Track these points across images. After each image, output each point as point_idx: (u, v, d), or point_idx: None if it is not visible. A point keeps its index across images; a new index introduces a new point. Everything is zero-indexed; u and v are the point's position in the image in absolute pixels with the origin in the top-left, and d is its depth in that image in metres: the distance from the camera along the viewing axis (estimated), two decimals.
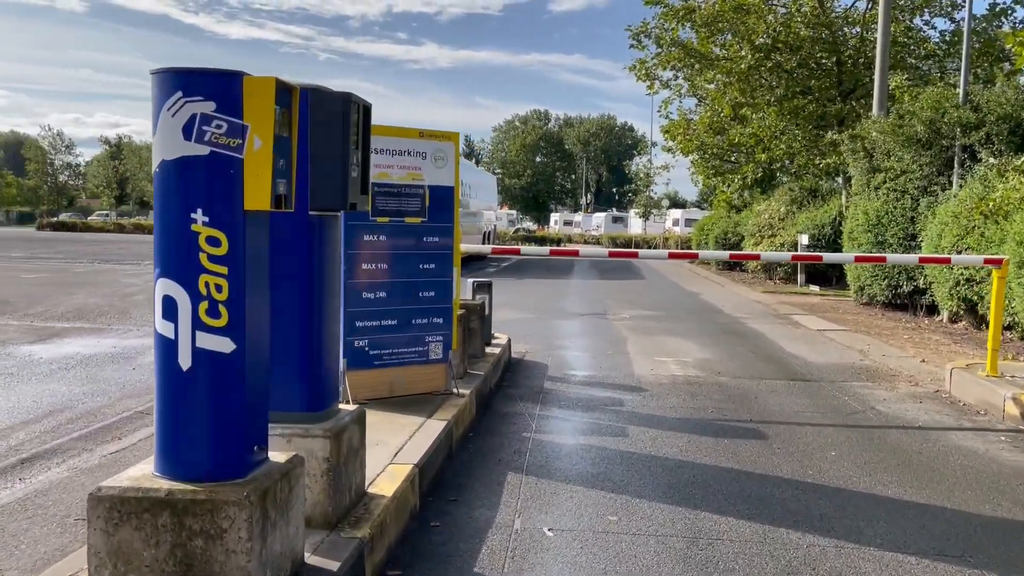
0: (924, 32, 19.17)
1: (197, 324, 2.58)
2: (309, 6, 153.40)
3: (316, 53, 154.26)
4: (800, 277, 19.65)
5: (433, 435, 4.76)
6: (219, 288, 2.58)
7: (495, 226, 38.77)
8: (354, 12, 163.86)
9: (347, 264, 5.42)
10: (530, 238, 55.30)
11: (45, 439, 5.31)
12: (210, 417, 2.62)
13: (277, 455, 2.92)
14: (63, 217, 66.85)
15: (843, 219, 19.24)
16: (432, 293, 5.83)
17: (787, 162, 23.27)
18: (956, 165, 12.76)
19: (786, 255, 9.52)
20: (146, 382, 7.07)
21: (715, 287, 19.69)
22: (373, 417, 5.10)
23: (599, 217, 70.49)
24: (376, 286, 5.56)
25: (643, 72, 24.06)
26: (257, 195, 2.59)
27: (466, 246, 7.49)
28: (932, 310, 13.48)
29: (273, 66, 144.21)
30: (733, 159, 26.35)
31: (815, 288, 18.72)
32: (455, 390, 5.91)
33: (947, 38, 19.04)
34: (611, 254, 7.23)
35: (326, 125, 3.28)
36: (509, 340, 8.80)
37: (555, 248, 7.40)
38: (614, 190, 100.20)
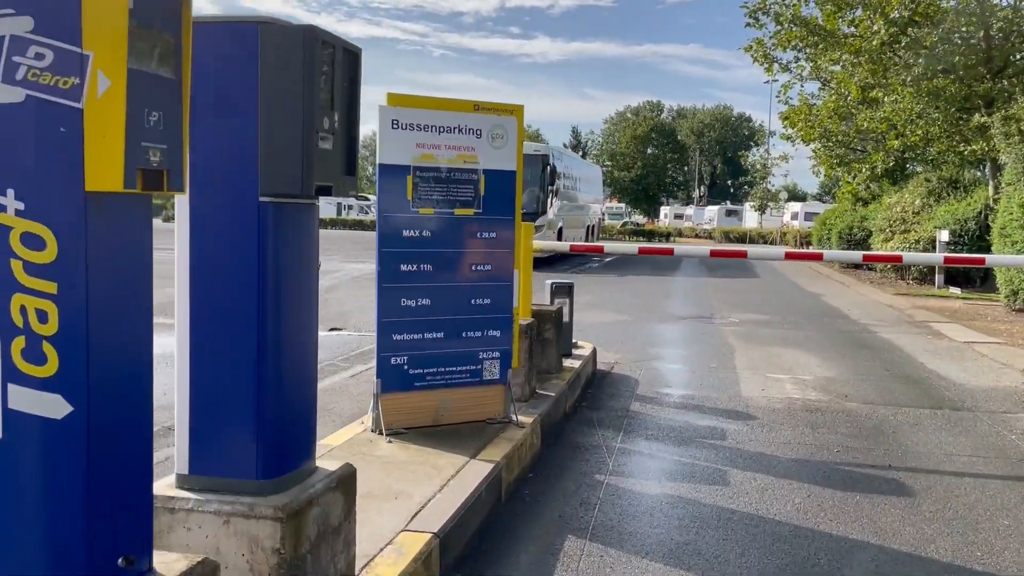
0: None
1: (8, 373, 1.64)
2: (425, 3, 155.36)
3: (431, 49, 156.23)
4: (938, 278, 17.51)
5: (470, 487, 3.74)
6: (43, 316, 1.62)
7: (600, 220, 37.48)
8: (468, 8, 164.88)
9: (382, 265, 4.48)
10: (638, 232, 53.58)
11: None
12: (29, 524, 1.67)
13: (179, 561, 1.95)
14: None
15: (991, 213, 17.03)
16: (487, 300, 4.80)
17: (923, 149, 20.96)
18: None
19: (936, 257, 7.97)
20: None
21: (839, 287, 17.83)
22: (404, 453, 4.13)
23: (712, 210, 67.73)
24: (418, 291, 4.59)
25: (760, 53, 22.26)
26: (102, 168, 1.63)
27: (542, 243, 6.44)
28: None
29: (389, 63, 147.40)
30: (860, 147, 24.11)
31: (956, 291, 16.61)
32: (514, 417, 4.87)
33: None
34: (713, 253, 6.00)
35: (279, 72, 2.29)
36: (594, 350, 7.68)
37: (645, 246, 6.28)
38: (729, 182, 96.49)
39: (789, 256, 6.03)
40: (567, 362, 6.78)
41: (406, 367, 4.60)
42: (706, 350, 9.18)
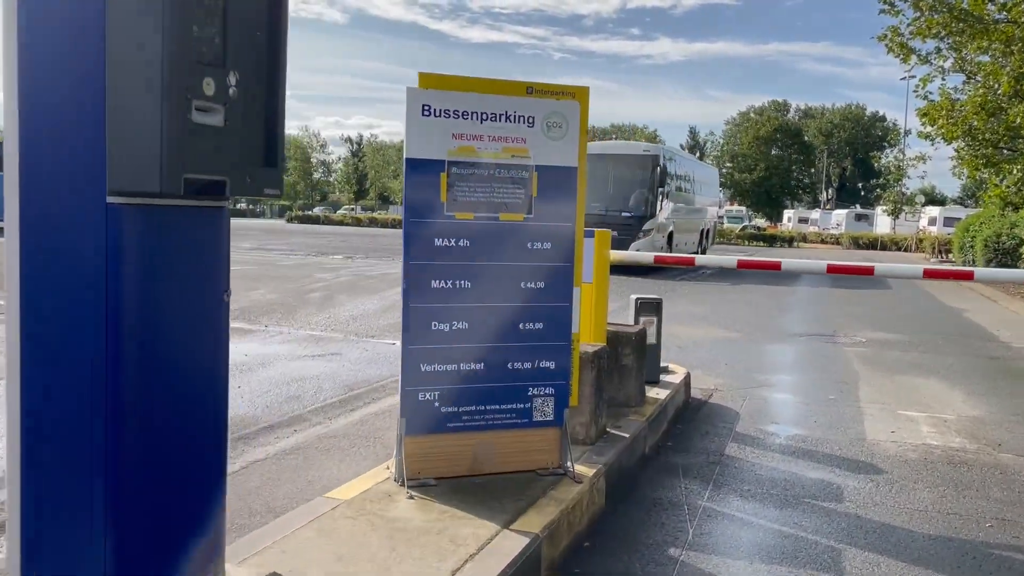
0: None
1: None
2: (545, 7, 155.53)
3: (551, 53, 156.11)
4: None
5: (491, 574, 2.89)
6: None
7: (715, 223, 35.74)
8: (588, 11, 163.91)
9: (409, 280, 3.69)
10: (759, 236, 51.05)
11: None
12: None
13: None
14: (316, 211, 72.24)
15: None
16: (539, 324, 3.94)
17: None
18: None
19: None
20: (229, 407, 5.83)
21: (985, 302, 15.84)
22: (422, 515, 3.34)
23: (839, 214, 63.95)
24: (453, 312, 3.78)
25: (896, 43, 20.32)
26: None
27: (621, 254, 5.52)
28: None
29: (510, 67, 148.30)
30: (1010, 146, 21.65)
31: None
32: (570, 468, 3.98)
33: None
34: (831, 269, 4.86)
35: (131, 11, 1.52)
36: (687, 376, 6.66)
37: (745, 260, 5.18)
38: (859, 185, 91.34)
39: (929, 275, 4.84)
40: (652, 392, 5.82)
41: (437, 404, 3.80)
42: (824, 377, 7.95)
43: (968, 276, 4.90)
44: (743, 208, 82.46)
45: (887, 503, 4.43)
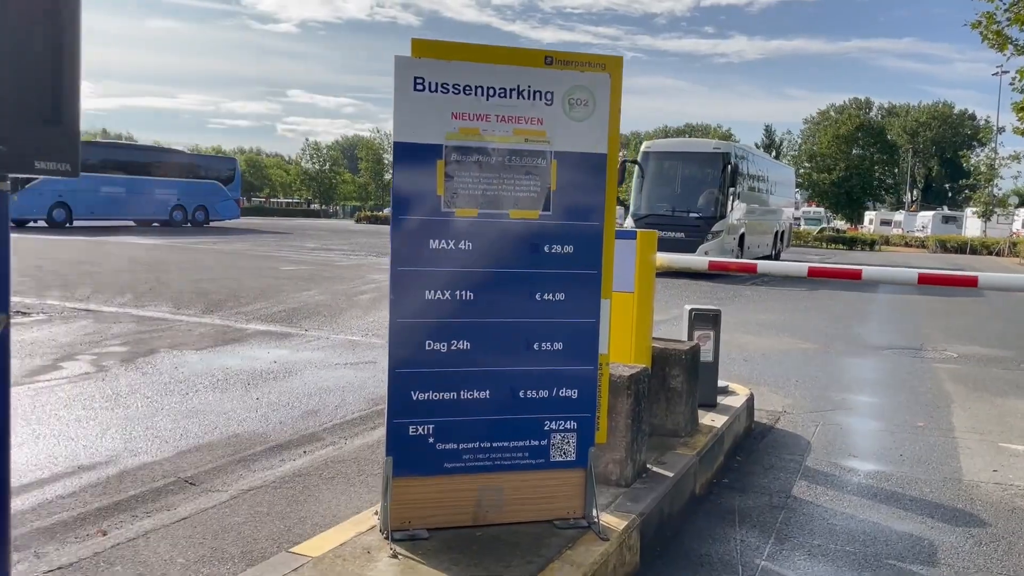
0: None
1: None
2: (617, 6, 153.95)
3: (623, 52, 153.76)
4: None
5: None
6: None
7: (791, 225, 34.22)
8: (661, 9, 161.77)
9: (396, 290, 3.06)
10: (838, 239, 48.89)
11: None
12: None
13: None
14: (385, 211, 72.80)
15: None
16: (558, 344, 3.25)
17: None
18: None
19: None
20: (238, 422, 5.33)
21: None
22: None
23: (925, 216, 60.94)
24: (452, 330, 3.12)
25: (992, 31, 18.78)
26: None
27: (670, 257, 4.78)
28: None
29: None
30: None
31: None
32: (596, 519, 3.27)
33: None
34: (923, 279, 4.00)
35: None
36: (750, 398, 5.85)
37: (816, 267, 4.36)
38: (946, 186, 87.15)
39: None
40: (707, 418, 5.05)
41: (432, 440, 3.15)
42: (911, 399, 7.00)
43: None
44: (821, 209, 79.56)
45: (993, 568, 3.58)
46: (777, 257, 28.96)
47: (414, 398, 3.10)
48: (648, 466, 4.04)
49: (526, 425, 3.24)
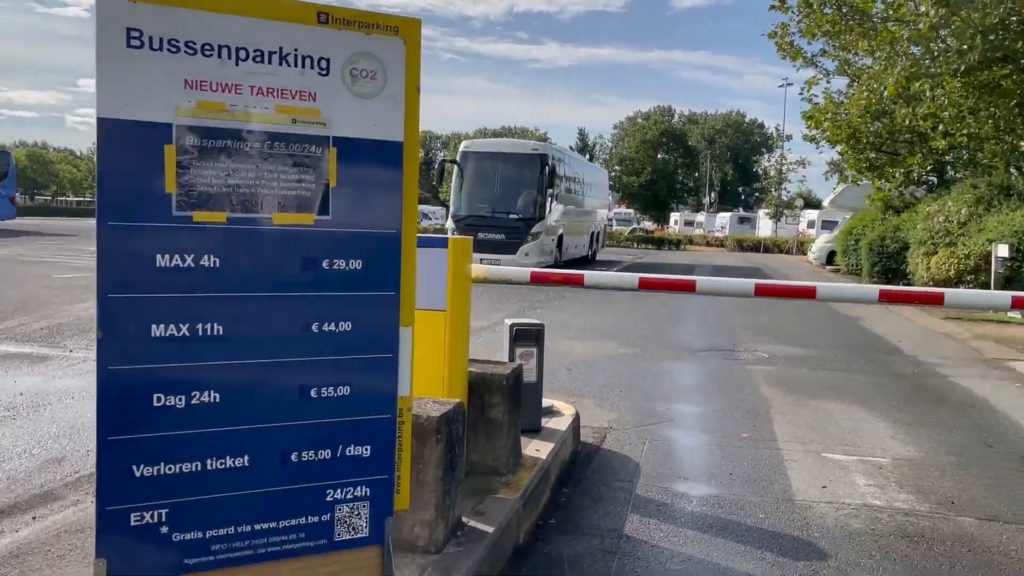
0: None
1: None
2: (433, 7, 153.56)
3: (440, 53, 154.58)
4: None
5: None
6: None
7: (606, 226, 35.18)
8: (476, 13, 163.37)
9: (106, 326, 2.18)
10: (647, 239, 51.12)
11: None
12: None
13: None
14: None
15: None
16: (344, 389, 2.50)
17: (970, 151, 18.60)
18: None
19: None
20: None
21: (877, 309, 15.43)
22: None
23: (724, 217, 65.24)
24: (191, 378, 2.29)
25: (785, 42, 19.93)
26: None
27: (489, 268, 4.15)
28: None
29: None
30: (893, 149, 21.75)
31: (1017, 314, 14.20)
32: None
33: None
34: (760, 291, 3.63)
35: None
36: (576, 419, 5.35)
37: (648, 277, 3.90)
38: (740, 189, 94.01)
39: (885, 296, 3.70)
40: (531, 447, 4.47)
41: (166, 530, 2.30)
42: (732, 406, 6.84)
43: (937, 299, 3.82)
44: (631, 211, 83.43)
45: None
46: (594, 257, 29.55)
47: (137, 475, 2.24)
48: (464, 520, 3.38)
49: (301, 498, 2.46)
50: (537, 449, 4.47)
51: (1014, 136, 16.20)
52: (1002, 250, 14.39)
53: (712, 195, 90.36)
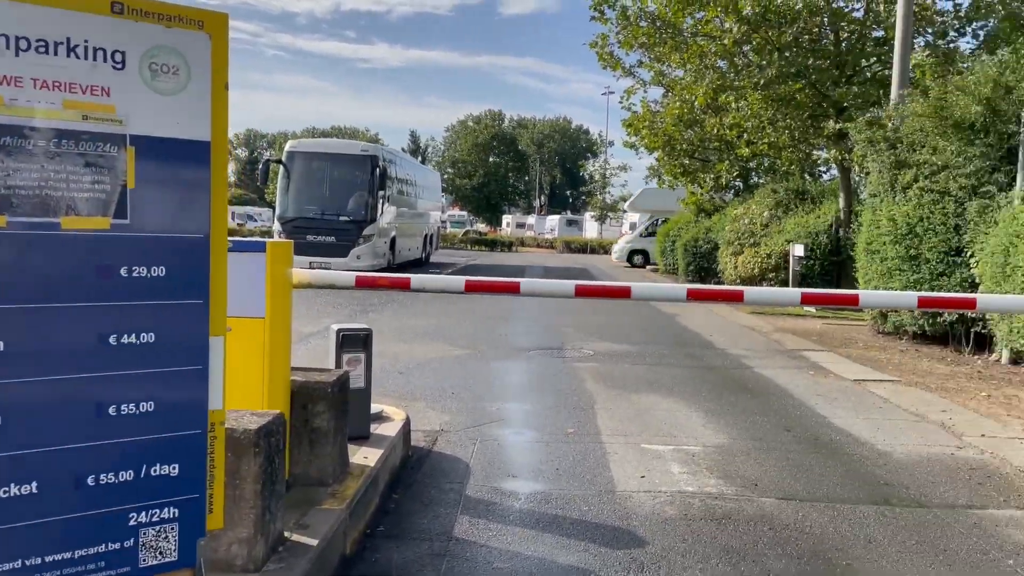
0: (937, 2, 16.16)
1: None
2: (255, 2, 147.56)
3: (263, 49, 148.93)
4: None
5: None
6: None
7: (439, 228, 35.29)
8: (300, 9, 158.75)
9: None
10: (480, 241, 51.81)
11: None
12: None
13: None
14: None
15: (841, 226, 16.28)
16: (147, 405, 2.35)
17: (770, 159, 20.24)
18: (1021, 157, 9.68)
19: (910, 296, 6.27)
20: None
21: (693, 306, 16.45)
22: None
23: (553, 220, 67.32)
24: None
25: (605, 52, 20.81)
26: None
27: (312, 273, 4.04)
28: (980, 343, 10.41)
29: None
30: (705, 156, 23.28)
31: (811, 309, 15.62)
32: None
33: (963, 11, 16.04)
34: (580, 291, 3.75)
35: None
36: (407, 423, 5.33)
37: (474, 280, 3.94)
38: (568, 192, 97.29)
39: (693, 295, 3.95)
40: (359, 454, 4.40)
41: None
42: (560, 402, 7.05)
43: (736, 296, 4.12)
44: (464, 213, 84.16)
45: None
46: (428, 260, 29.54)
47: None
48: (286, 535, 3.26)
49: (100, 524, 2.29)
50: (365, 456, 4.40)
51: (807, 145, 17.79)
52: (798, 249, 15.78)
53: (542, 198, 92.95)
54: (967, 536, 4.19)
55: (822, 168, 21.59)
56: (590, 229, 61.30)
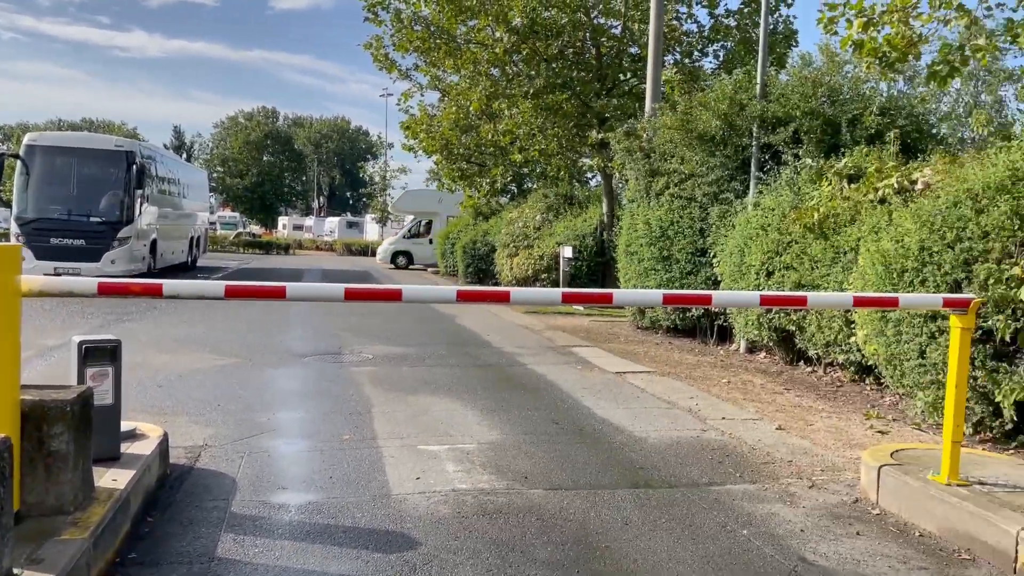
0: (683, 23, 17.73)
1: None
2: None
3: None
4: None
5: None
6: None
7: (207, 230, 33.32)
8: None
9: None
10: (254, 243, 49.55)
11: None
12: None
13: None
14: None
15: (605, 229, 17.38)
16: None
17: (542, 165, 21.18)
18: (753, 167, 10.89)
19: (752, 296, 6.73)
20: None
21: (472, 307, 16.81)
22: None
23: (332, 222, 65.92)
24: None
25: (381, 54, 20.73)
26: None
27: (43, 283, 3.65)
28: (723, 335, 11.59)
29: None
30: (481, 161, 23.89)
31: (579, 307, 16.55)
32: None
33: (705, 33, 17.75)
34: (349, 295, 3.67)
35: None
36: (164, 439, 4.96)
37: (235, 286, 3.72)
38: (348, 194, 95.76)
39: (462, 296, 4.01)
40: (106, 477, 4.03)
41: None
42: (336, 408, 6.91)
43: (503, 297, 4.23)
44: (237, 214, 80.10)
45: None
46: (195, 264, 27.77)
47: None
48: (15, 572, 2.92)
49: None
50: (115, 479, 4.04)
51: (574, 153, 18.83)
52: (567, 251, 16.65)
53: (321, 199, 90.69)
54: (709, 511, 4.63)
55: (589, 175, 22.95)
56: (371, 231, 60.74)
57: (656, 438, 6.24)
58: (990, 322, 5.83)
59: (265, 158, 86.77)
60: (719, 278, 10.84)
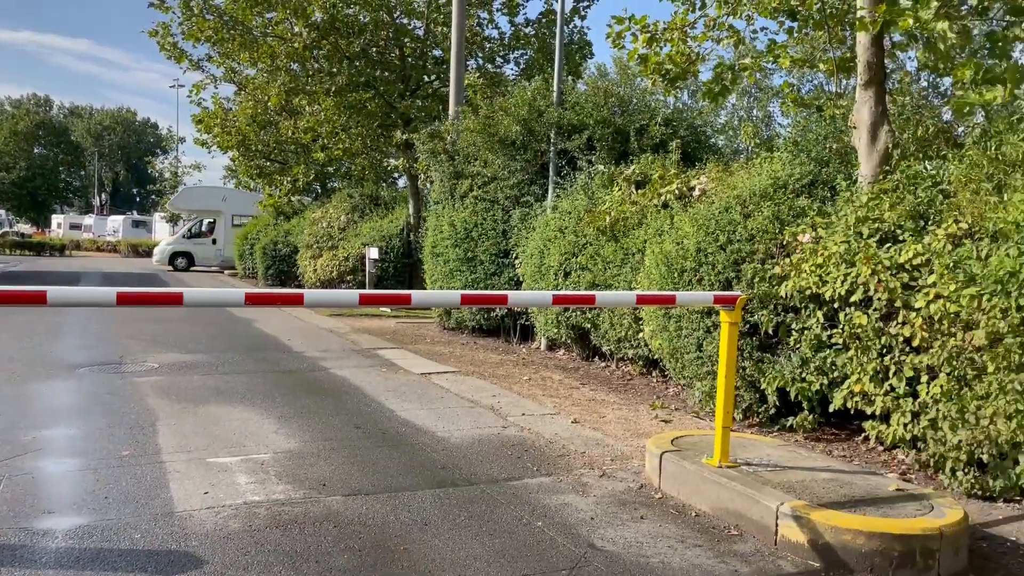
0: (485, 29, 18.08)
1: None
2: None
3: None
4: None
5: None
6: None
7: None
8: None
9: None
10: (24, 244, 44.71)
11: None
12: None
13: None
14: None
15: (411, 230, 17.35)
16: None
17: (348, 164, 20.78)
18: (551, 172, 11.30)
19: (545, 296, 6.62)
20: None
21: (269, 310, 16.13)
22: None
23: (116, 220, 60.77)
24: None
25: (168, 43, 19.43)
26: None
27: None
28: (524, 334, 11.94)
29: None
30: (281, 158, 23.04)
31: (386, 309, 16.40)
32: None
33: (506, 40, 18.21)
34: (122, 299, 3.31)
35: None
36: None
37: (3, 291, 3.28)
38: (135, 191, 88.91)
39: (251, 299, 3.79)
40: None
41: None
42: (115, 423, 6.37)
43: (298, 301, 4.07)
44: (2, 212, 71.99)
45: None
46: None
47: None
48: None
49: None
50: None
51: (379, 153, 18.64)
52: (373, 252, 16.45)
53: (103, 196, 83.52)
54: (507, 505, 4.74)
55: (395, 175, 22.82)
56: (161, 231, 56.64)
57: (459, 437, 6.30)
58: (756, 317, 6.43)
59: (36, 150, 78.68)
60: (521, 279, 11.14)
